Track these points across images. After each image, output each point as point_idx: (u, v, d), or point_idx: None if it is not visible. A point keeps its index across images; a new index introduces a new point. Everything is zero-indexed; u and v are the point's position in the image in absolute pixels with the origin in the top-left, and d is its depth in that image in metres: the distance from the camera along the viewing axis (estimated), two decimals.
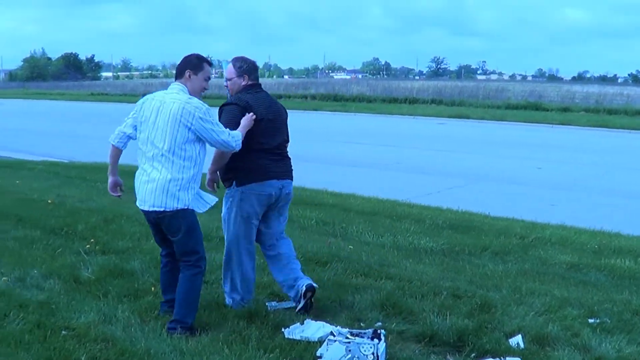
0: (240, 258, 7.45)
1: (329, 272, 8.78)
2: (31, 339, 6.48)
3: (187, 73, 6.83)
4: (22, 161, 21.58)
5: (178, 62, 7.02)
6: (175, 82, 6.83)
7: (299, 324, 6.84)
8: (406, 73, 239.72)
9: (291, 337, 6.59)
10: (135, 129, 6.79)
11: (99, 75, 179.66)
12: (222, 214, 7.47)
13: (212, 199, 6.98)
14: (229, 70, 7.47)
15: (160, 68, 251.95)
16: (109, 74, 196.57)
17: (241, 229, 7.36)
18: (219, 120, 6.95)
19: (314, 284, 7.45)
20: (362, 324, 7.00)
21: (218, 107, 7.23)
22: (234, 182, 7.27)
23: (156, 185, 6.57)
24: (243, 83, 7.41)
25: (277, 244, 7.73)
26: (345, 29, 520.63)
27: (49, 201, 13.06)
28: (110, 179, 7.06)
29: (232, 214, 7.32)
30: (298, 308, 7.35)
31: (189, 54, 6.98)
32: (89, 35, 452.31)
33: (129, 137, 6.85)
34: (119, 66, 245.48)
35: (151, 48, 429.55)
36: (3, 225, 11.33)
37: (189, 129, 6.56)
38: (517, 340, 6.64)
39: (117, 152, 6.92)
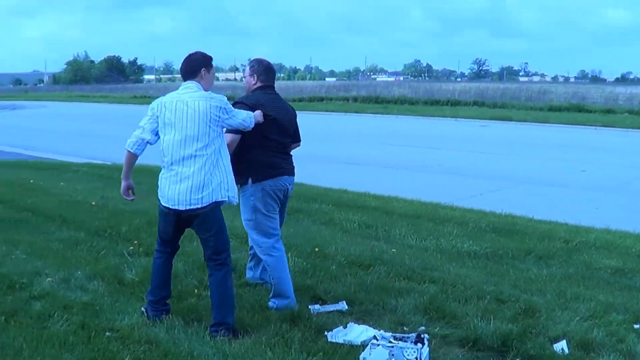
0: (278, 254, 7.64)
1: (372, 275, 8.75)
2: (75, 340, 6.53)
3: (202, 71, 6.97)
4: (67, 163, 21.76)
5: (184, 63, 7.05)
6: (189, 82, 6.94)
7: (342, 327, 6.83)
8: (448, 75, 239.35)
9: (334, 340, 6.58)
10: (155, 134, 6.86)
11: (141, 78, 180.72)
12: (243, 218, 7.67)
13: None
14: (246, 69, 7.88)
15: None
16: (152, 77, 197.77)
17: (268, 225, 7.59)
18: None
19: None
20: (405, 328, 6.97)
21: None
22: (250, 180, 7.48)
23: (192, 183, 6.67)
24: (252, 82, 7.76)
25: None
26: (386, 30, 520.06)
27: (93, 203, 13.16)
28: (124, 183, 7.15)
29: (258, 213, 7.54)
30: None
31: (192, 52, 7.13)
32: (132, 38, 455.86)
33: (147, 143, 6.92)
34: (161, 69, 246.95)
35: (193, 50, 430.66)
36: (48, 226, 11.43)
37: (218, 123, 6.79)
38: (561, 345, 6.58)
39: (133, 158, 6.99)
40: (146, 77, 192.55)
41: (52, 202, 13.72)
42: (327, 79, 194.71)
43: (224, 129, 7.03)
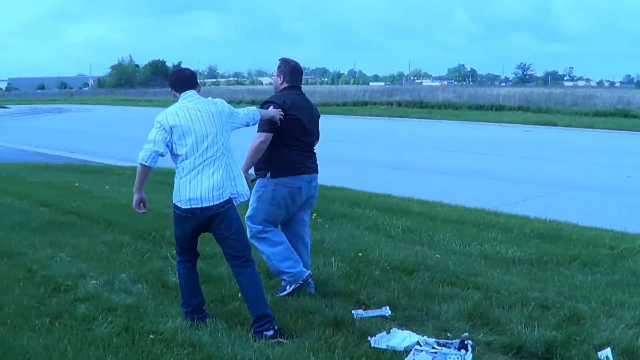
0: (276, 239, 8.11)
1: (416, 280, 8.73)
2: (119, 343, 6.58)
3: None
4: (111, 166, 21.93)
5: (172, 76, 7.53)
6: (190, 91, 7.24)
7: (385, 332, 6.81)
8: (492, 79, 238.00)
9: (377, 346, 6.56)
10: (166, 145, 6.98)
11: None
12: (250, 202, 8.07)
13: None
14: (275, 69, 8.26)
15: (246, 75, 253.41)
16: None
17: (270, 214, 8.05)
18: None
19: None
20: (449, 334, 6.93)
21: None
22: (268, 174, 7.98)
23: (214, 182, 6.93)
24: (279, 82, 8.17)
25: (303, 233, 8.49)
26: (430, 35, 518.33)
27: None
28: (137, 196, 7.23)
29: (262, 202, 8.02)
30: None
31: (181, 69, 7.94)
32: (176, 42, 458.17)
33: (160, 155, 7.04)
34: (206, 73, 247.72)
35: (237, 55, 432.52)
36: (93, 229, 11.53)
37: (230, 123, 7.26)
38: (606, 353, 6.50)
39: (147, 171, 7.07)
40: None
41: (96, 205, 13.83)
42: (371, 83, 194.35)
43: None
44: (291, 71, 8.15)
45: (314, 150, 8.37)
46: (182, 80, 7.31)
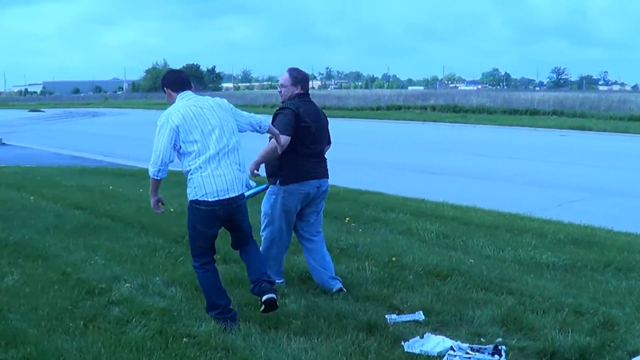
0: (282, 246, 8.59)
1: (449, 285, 8.70)
2: (153, 345, 6.61)
3: (193, 84, 7.59)
4: (145, 170, 22.00)
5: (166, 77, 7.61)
6: (187, 91, 7.41)
7: (418, 337, 6.80)
8: (526, 84, 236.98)
9: (410, 350, 6.55)
10: (175, 148, 7.12)
11: (219, 86, 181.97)
12: (263, 209, 8.49)
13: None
14: (284, 78, 8.47)
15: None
16: (230, 85, 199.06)
17: (283, 222, 8.38)
18: (274, 122, 8.05)
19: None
20: (482, 339, 6.90)
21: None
22: (278, 181, 8.26)
23: (236, 170, 7.21)
24: (296, 91, 8.36)
25: (315, 239, 8.67)
26: (464, 39, 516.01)
27: (172, 210, 13.28)
28: (154, 198, 7.46)
29: (276, 210, 8.34)
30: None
31: (176, 69, 8.09)
32: (210, 46, 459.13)
33: (170, 162, 7.23)
34: (240, 77, 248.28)
35: (271, 59, 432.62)
36: (127, 232, 11.58)
37: (234, 119, 7.46)
38: None
39: (160, 182, 7.34)
40: (224, 85, 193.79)
41: (130, 209, 13.90)
42: (408, 87, 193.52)
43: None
44: (306, 79, 8.49)
45: (325, 156, 8.67)
46: (182, 79, 7.50)
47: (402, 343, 6.68)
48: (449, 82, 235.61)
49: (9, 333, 6.89)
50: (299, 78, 8.38)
